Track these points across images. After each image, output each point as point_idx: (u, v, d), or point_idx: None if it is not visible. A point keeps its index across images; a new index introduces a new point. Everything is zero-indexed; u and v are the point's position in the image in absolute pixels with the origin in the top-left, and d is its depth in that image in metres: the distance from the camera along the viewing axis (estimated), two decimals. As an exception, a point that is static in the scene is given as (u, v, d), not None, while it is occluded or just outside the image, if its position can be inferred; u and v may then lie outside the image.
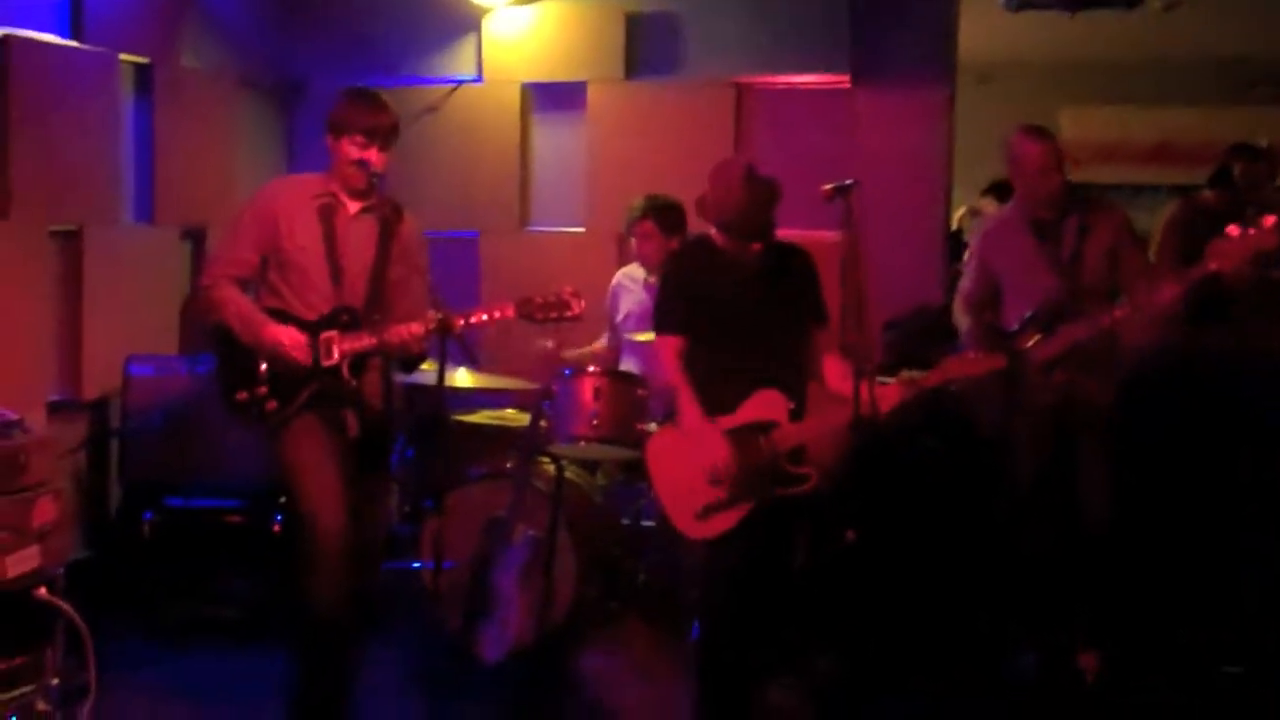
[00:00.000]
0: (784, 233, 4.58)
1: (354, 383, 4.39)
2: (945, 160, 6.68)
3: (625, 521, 5.68)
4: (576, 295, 4.46)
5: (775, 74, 6.76)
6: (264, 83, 7.06)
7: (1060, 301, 4.90)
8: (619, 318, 6.14)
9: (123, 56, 5.93)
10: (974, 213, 8.01)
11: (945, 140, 6.67)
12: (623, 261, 6.69)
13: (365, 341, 4.36)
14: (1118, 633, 5.12)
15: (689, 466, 4.49)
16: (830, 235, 6.26)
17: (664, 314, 4.67)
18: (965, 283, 5.30)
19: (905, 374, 4.86)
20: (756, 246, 4.51)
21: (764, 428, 4.46)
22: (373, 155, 4.41)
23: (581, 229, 7.02)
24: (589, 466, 5.72)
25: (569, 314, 4.44)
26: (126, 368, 5.72)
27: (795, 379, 4.58)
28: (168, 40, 6.26)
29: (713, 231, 4.62)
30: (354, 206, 4.50)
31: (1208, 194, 8.03)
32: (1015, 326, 5.00)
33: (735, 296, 4.55)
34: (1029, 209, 5.05)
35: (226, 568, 5.54)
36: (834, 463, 4.76)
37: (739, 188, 4.42)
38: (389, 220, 4.47)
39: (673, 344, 4.60)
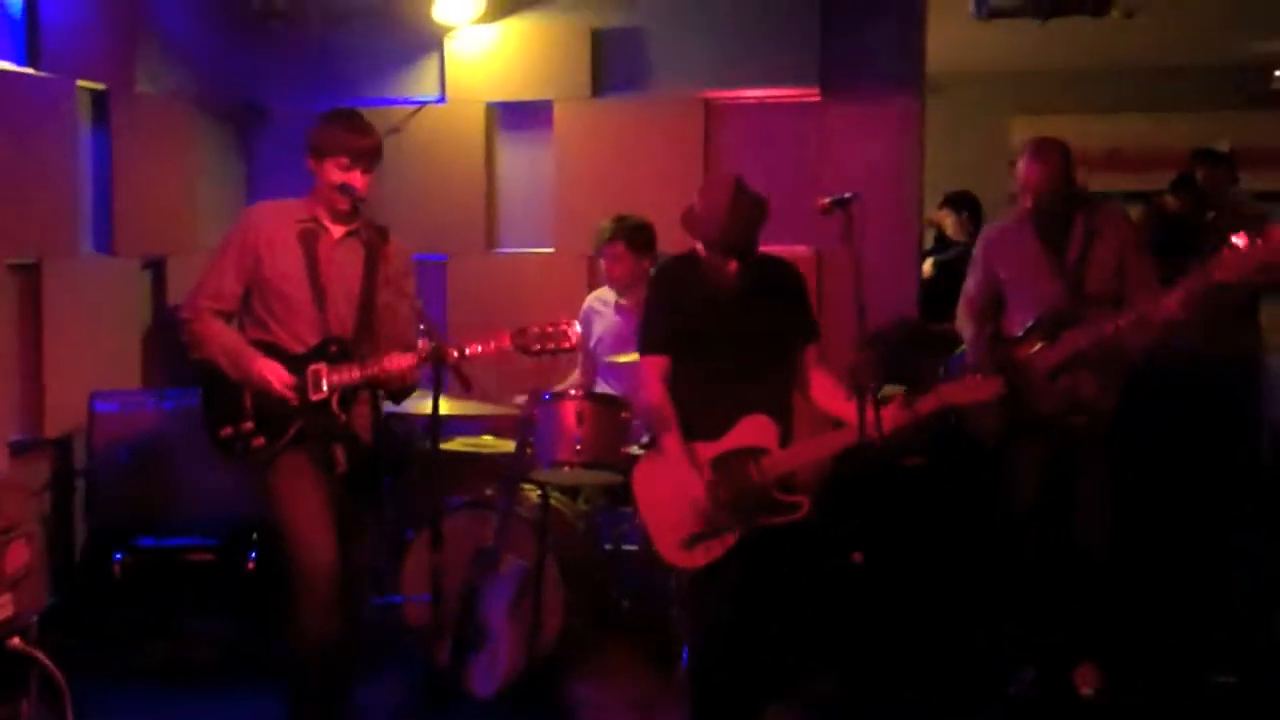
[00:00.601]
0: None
1: (343, 417, 4.28)
2: (917, 172, 6.63)
3: (608, 546, 5.58)
4: (571, 325, 4.40)
5: (744, 88, 6.69)
6: (222, 107, 6.91)
7: (1064, 308, 4.86)
8: (592, 342, 6.04)
9: (80, 83, 5.76)
10: (930, 224, 7.99)
11: (917, 152, 6.61)
12: (593, 283, 6.60)
13: (354, 374, 4.26)
14: (1114, 644, 5.07)
15: (673, 493, 4.40)
16: (801, 250, 6.29)
17: (648, 333, 4.59)
18: (969, 288, 5.25)
19: (892, 390, 4.79)
20: (733, 265, 4.42)
21: (753, 454, 4.37)
22: (356, 178, 4.31)
23: (551, 250, 6.92)
24: (570, 492, 5.60)
25: (565, 345, 4.37)
26: (91, 404, 5.56)
27: (784, 401, 4.50)
28: (123, 66, 6.10)
29: (698, 246, 4.54)
30: (338, 231, 4.39)
31: (1170, 199, 8.10)
32: (1019, 333, 4.95)
33: (721, 314, 4.47)
34: (1033, 214, 5.00)
35: (201, 608, 5.39)
36: (814, 483, 4.68)
37: (725, 203, 4.35)
38: (374, 244, 4.37)
39: (657, 364, 4.52)
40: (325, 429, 4.29)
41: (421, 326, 4.15)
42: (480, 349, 4.24)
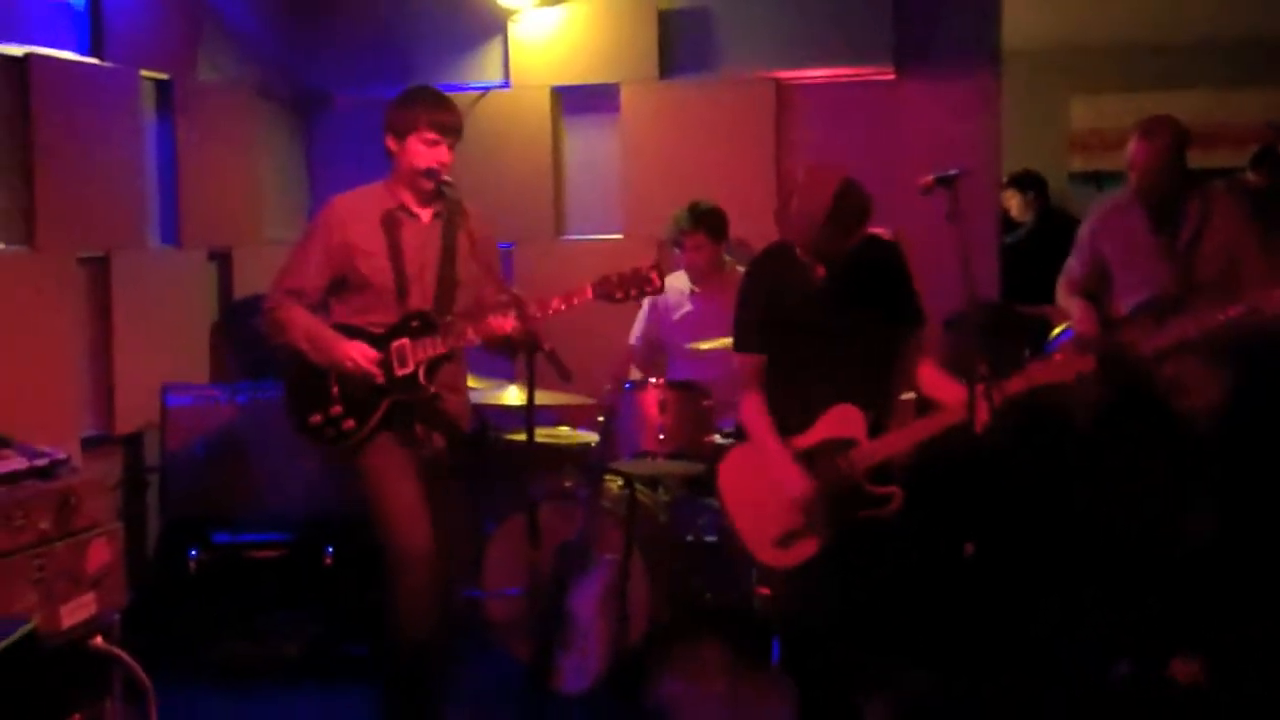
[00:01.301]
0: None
1: (430, 389, 4.19)
2: (995, 151, 6.47)
3: (689, 537, 5.46)
4: (655, 267, 4.24)
5: (815, 68, 6.54)
6: (284, 95, 6.81)
7: (1173, 293, 4.72)
8: (665, 333, 5.93)
9: (143, 73, 5.68)
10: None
11: (994, 130, 6.45)
12: (662, 269, 6.45)
13: (439, 346, 4.16)
14: (1215, 634, 4.91)
15: (764, 490, 4.25)
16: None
17: (742, 331, 4.41)
18: (1072, 266, 5.10)
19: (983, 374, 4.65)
20: (821, 271, 4.23)
21: (841, 446, 4.20)
22: (442, 153, 4.22)
23: (619, 235, 6.79)
24: (650, 482, 5.48)
25: (649, 288, 4.23)
26: (164, 398, 5.49)
27: (878, 390, 4.31)
28: (186, 55, 6.02)
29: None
30: (425, 215, 4.31)
31: (1251, 175, 7.88)
32: (1124, 314, 4.80)
33: (813, 307, 4.27)
34: (1141, 194, 4.85)
35: (277, 604, 5.32)
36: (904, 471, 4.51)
37: (825, 206, 4.01)
38: (455, 222, 4.27)
39: (752, 363, 4.34)
40: (416, 404, 4.20)
41: (514, 313, 4.01)
42: (563, 305, 4.12)
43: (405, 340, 4.19)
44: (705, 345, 5.39)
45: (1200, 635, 4.89)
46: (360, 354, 4.14)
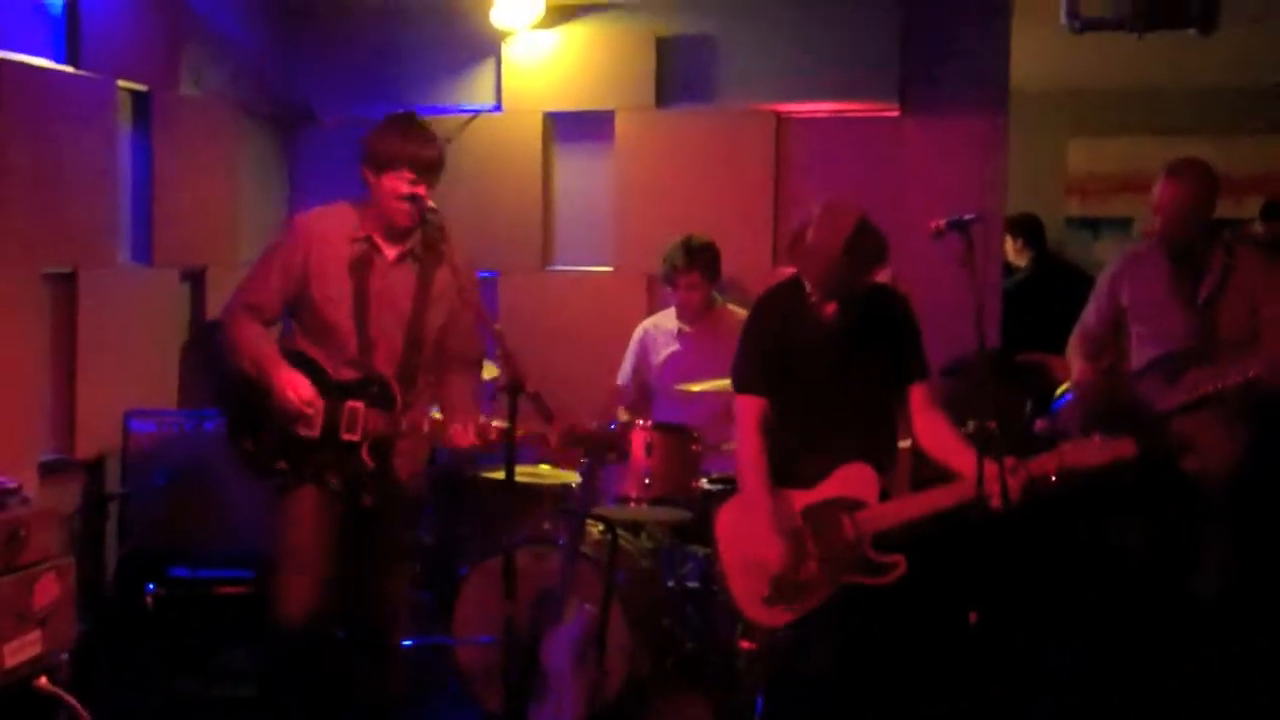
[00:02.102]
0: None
1: (372, 464, 4.01)
2: (1001, 193, 6.27)
3: (670, 583, 5.23)
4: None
5: (818, 101, 6.35)
6: (267, 111, 6.60)
7: (1193, 347, 4.54)
8: (651, 374, 5.74)
9: (120, 83, 5.46)
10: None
11: (1000, 171, 6.25)
12: (653, 304, 6.30)
13: (390, 427, 3.98)
14: (1223, 696, 4.69)
15: (757, 544, 4.08)
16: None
17: (744, 371, 4.23)
18: (1087, 318, 4.91)
19: (975, 424, 4.44)
20: (831, 309, 4.04)
21: (849, 506, 4.03)
22: (421, 193, 3.98)
23: (609, 268, 6.59)
24: (633, 528, 5.26)
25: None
26: (126, 423, 5.24)
27: (887, 448, 4.16)
28: (166, 66, 5.80)
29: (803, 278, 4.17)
30: (392, 252, 4.09)
31: (1259, 226, 7.71)
32: (1139, 368, 4.61)
33: (820, 352, 4.11)
34: (1166, 242, 4.65)
35: (238, 642, 5.05)
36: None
37: (842, 243, 3.88)
38: (432, 259, 4.06)
39: (754, 405, 4.16)
40: (351, 473, 4.03)
41: (498, 352, 3.80)
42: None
43: (360, 404, 4.00)
44: (696, 387, 5.18)
45: (1209, 697, 4.67)
46: (296, 389, 3.95)
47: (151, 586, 5.07)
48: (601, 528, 4.95)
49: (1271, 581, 5.10)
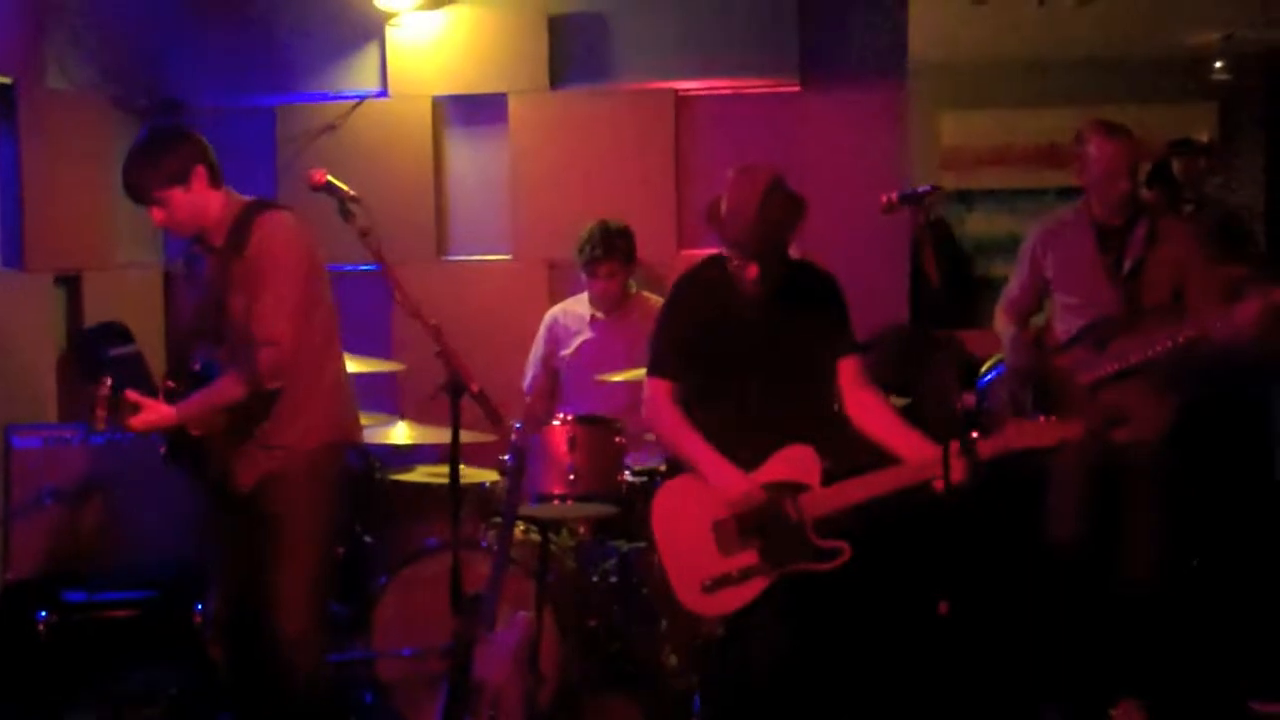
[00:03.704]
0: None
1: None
2: (905, 165, 6.19)
3: (594, 579, 5.05)
4: None
5: (717, 79, 6.19)
6: (141, 104, 6.24)
7: (1117, 316, 4.47)
8: (561, 362, 5.58)
9: (-19, 75, 5.13)
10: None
11: (902, 143, 6.18)
12: (554, 292, 6.10)
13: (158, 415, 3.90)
14: (1157, 680, 4.65)
15: (697, 529, 3.93)
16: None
17: (657, 352, 4.09)
18: (1011, 289, 4.85)
19: (896, 402, 4.36)
20: (753, 270, 3.90)
21: (791, 490, 3.90)
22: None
23: (507, 256, 6.36)
24: (554, 525, 5.05)
25: None
26: (7, 439, 4.96)
27: (824, 430, 4.02)
28: (31, 56, 5.48)
29: (722, 251, 4.03)
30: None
31: (1146, 193, 7.74)
32: (1062, 340, 4.54)
33: (743, 329, 3.99)
34: (1092, 212, 4.59)
35: (142, 667, 4.85)
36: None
37: (757, 199, 3.82)
38: (226, 253, 3.94)
39: (664, 388, 4.03)
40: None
41: (437, 349, 3.57)
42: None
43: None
44: (618, 377, 5.01)
45: (1142, 679, 4.65)
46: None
47: (43, 614, 4.80)
48: (528, 528, 4.77)
49: (1200, 555, 5.13)
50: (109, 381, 3.78)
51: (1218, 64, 9.90)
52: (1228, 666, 4.95)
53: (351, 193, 3.68)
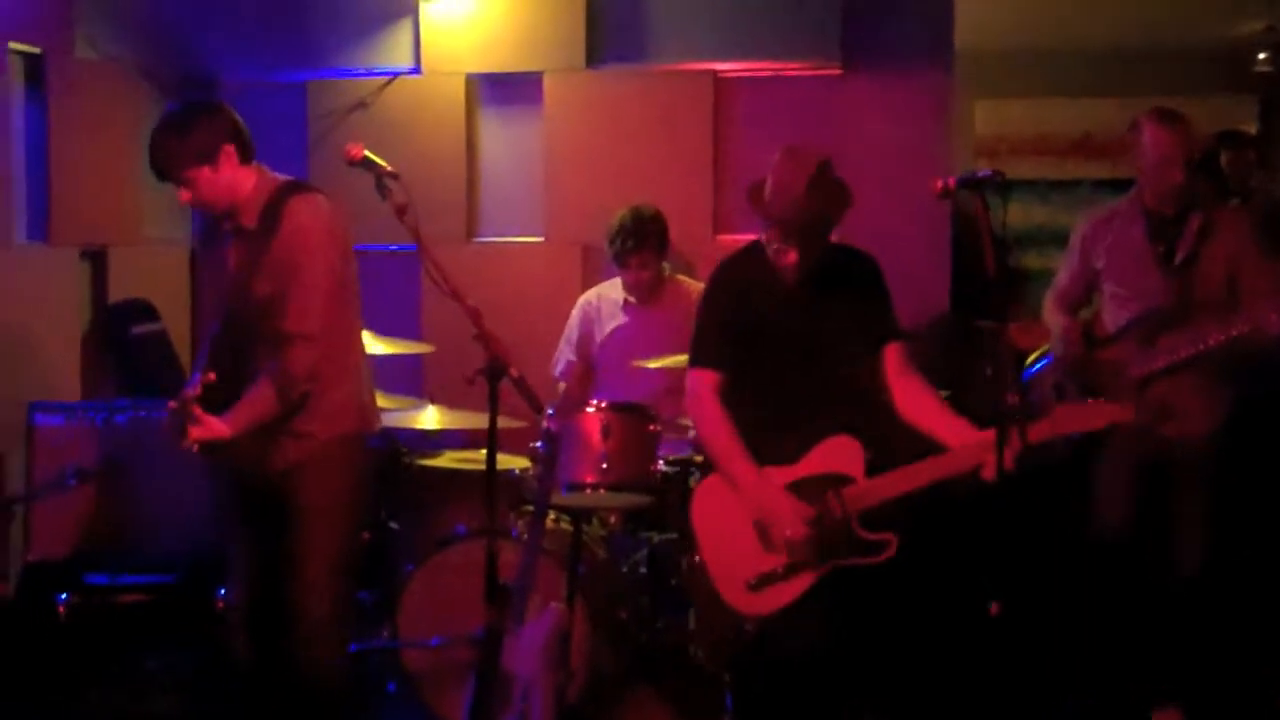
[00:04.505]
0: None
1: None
2: (947, 152, 6.07)
3: (624, 569, 4.97)
4: None
5: (757, 61, 6.06)
6: (169, 77, 6.14)
7: (1168, 309, 4.35)
8: (595, 348, 5.46)
9: (11, 45, 5.04)
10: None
11: (946, 130, 6.06)
12: (587, 275, 6.00)
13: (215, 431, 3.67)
14: (1202, 687, 4.53)
15: (740, 526, 3.83)
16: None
17: (700, 343, 3.98)
18: (1060, 280, 4.73)
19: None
20: (793, 255, 3.79)
21: (835, 482, 3.79)
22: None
23: (540, 239, 6.26)
24: (585, 515, 4.95)
25: None
26: (30, 417, 4.86)
27: (866, 417, 3.90)
28: (60, 26, 5.41)
29: (763, 237, 3.92)
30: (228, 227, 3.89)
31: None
32: (1111, 332, 4.45)
33: (789, 314, 3.88)
34: (1145, 202, 4.48)
35: (163, 652, 4.76)
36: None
37: (805, 181, 3.72)
38: (256, 236, 3.80)
39: (709, 380, 3.92)
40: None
41: (476, 333, 3.45)
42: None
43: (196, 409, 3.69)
44: (653, 363, 4.90)
45: (1186, 681, 4.52)
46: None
47: (64, 596, 4.72)
48: (559, 518, 4.67)
49: (1250, 553, 4.99)
50: (200, 391, 3.59)
51: (1260, 55, 9.73)
52: (1273, 670, 4.82)
53: (389, 168, 3.55)
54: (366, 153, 3.56)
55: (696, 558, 4.03)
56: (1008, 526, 4.50)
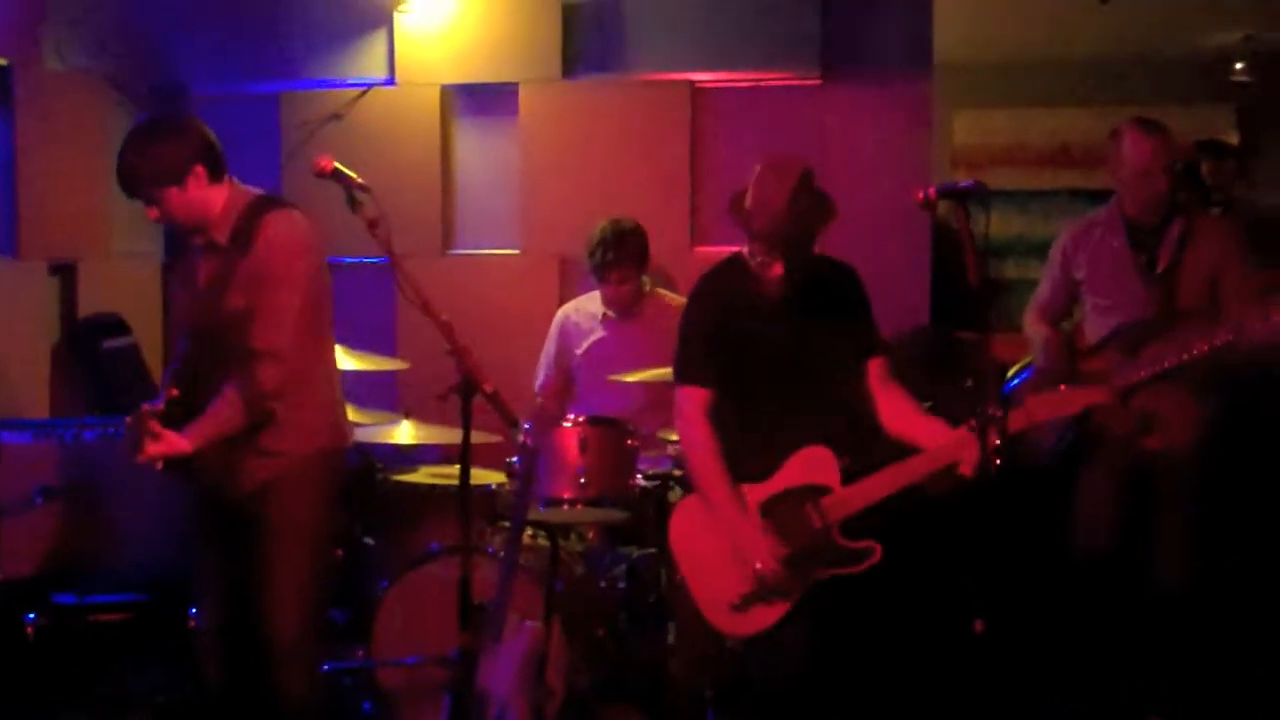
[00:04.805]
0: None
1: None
2: (927, 162, 6.03)
3: (602, 585, 4.90)
4: None
5: (735, 70, 6.02)
6: (139, 88, 6.08)
7: (1150, 320, 4.32)
8: (574, 362, 5.42)
9: (-25, 57, 4.98)
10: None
11: (926, 140, 6.02)
12: (565, 288, 5.94)
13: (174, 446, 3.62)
14: (1185, 698, 4.50)
15: (720, 546, 3.80)
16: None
17: (687, 360, 3.94)
18: (1041, 292, 4.72)
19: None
20: (778, 268, 3.75)
21: (811, 494, 3.76)
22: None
23: (516, 251, 6.20)
24: (563, 530, 4.89)
25: None
26: (-5, 435, 4.75)
27: (848, 430, 3.88)
28: (27, 37, 5.34)
29: (743, 250, 3.88)
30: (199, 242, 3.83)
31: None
32: (1093, 343, 4.44)
33: (772, 327, 3.85)
34: (1125, 211, 4.46)
35: (132, 672, 4.72)
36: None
37: (787, 194, 3.69)
38: (229, 252, 3.75)
39: (699, 398, 3.87)
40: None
41: (448, 348, 3.40)
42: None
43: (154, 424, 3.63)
44: (632, 377, 4.84)
45: (1170, 694, 4.50)
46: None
47: (32, 616, 4.67)
48: (537, 534, 4.61)
49: (1234, 568, 4.96)
50: (161, 407, 3.54)
51: (1237, 65, 9.74)
52: (1258, 681, 4.79)
53: (360, 181, 3.49)
54: (336, 165, 3.50)
55: (678, 577, 3.98)
56: (991, 538, 4.47)
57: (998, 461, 3.50)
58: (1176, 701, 4.48)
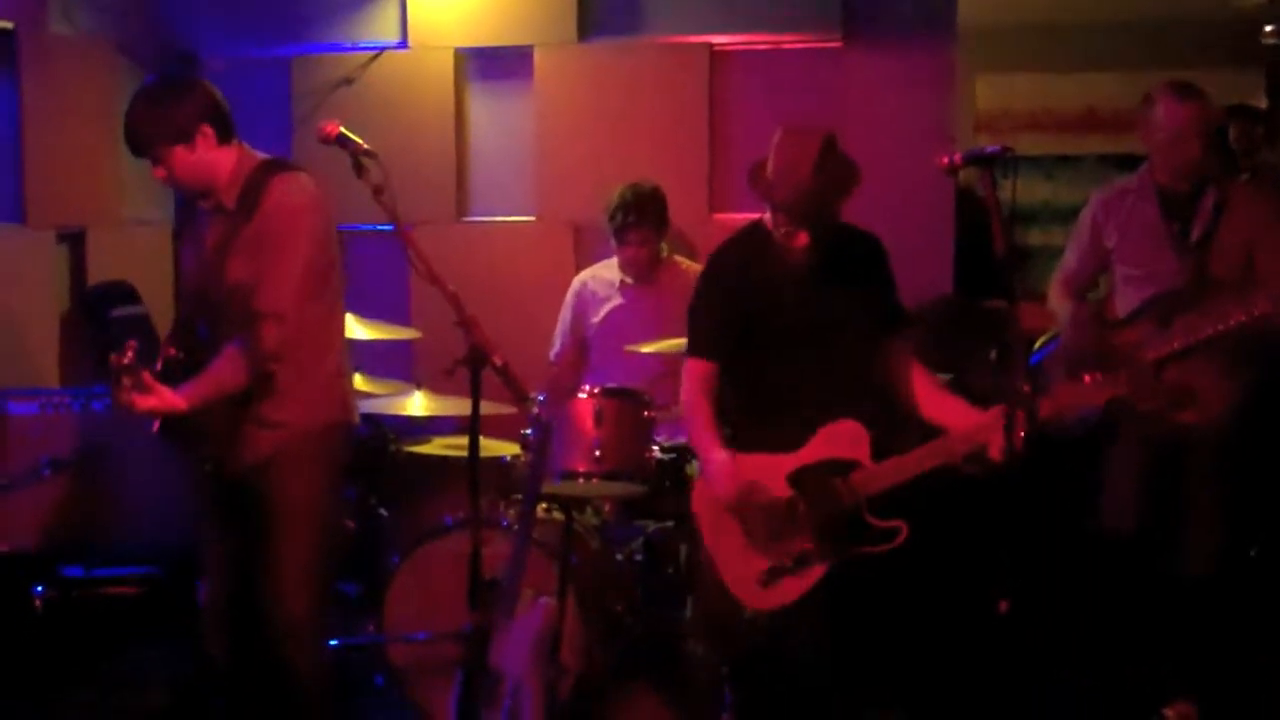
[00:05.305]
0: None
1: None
2: (950, 127, 5.92)
3: (618, 560, 4.82)
4: None
5: (754, 33, 5.91)
6: (148, 53, 6.00)
7: (1183, 290, 4.20)
8: (590, 330, 5.34)
9: (-20, 20, 4.93)
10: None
11: (949, 104, 5.91)
12: (580, 255, 5.86)
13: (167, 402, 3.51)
14: (1215, 680, 4.40)
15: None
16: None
17: (696, 331, 3.89)
18: (1068, 262, 4.59)
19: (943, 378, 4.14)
20: (803, 237, 3.66)
21: (841, 468, 3.69)
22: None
23: (531, 218, 6.12)
24: (578, 503, 4.82)
25: None
26: (3, 405, 4.73)
27: (876, 403, 3.80)
28: (34, 1, 5.28)
29: (764, 218, 3.78)
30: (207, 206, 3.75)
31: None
32: (1123, 315, 4.32)
33: (790, 300, 3.78)
34: (1157, 179, 4.32)
35: (141, 646, 4.67)
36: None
37: (811, 161, 3.59)
38: (235, 216, 3.67)
39: (701, 370, 3.82)
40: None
41: (456, 319, 3.31)
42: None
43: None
44: (647, 348, 4.76)
45: (1197, 676, 4.39)
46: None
47: (40, 589, 4.62)
48: (551, 508, 4.54)
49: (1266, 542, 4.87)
50: (132, 351, 3.44)
51: (1267, 28, 9.56)
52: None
53: (366, 146, 3.39)
54: (341, 129, 3.39)
55: (702, 548, 3.92)
56: (1017, 516, 4.38)
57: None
58: (1206, 682, 4.39)
